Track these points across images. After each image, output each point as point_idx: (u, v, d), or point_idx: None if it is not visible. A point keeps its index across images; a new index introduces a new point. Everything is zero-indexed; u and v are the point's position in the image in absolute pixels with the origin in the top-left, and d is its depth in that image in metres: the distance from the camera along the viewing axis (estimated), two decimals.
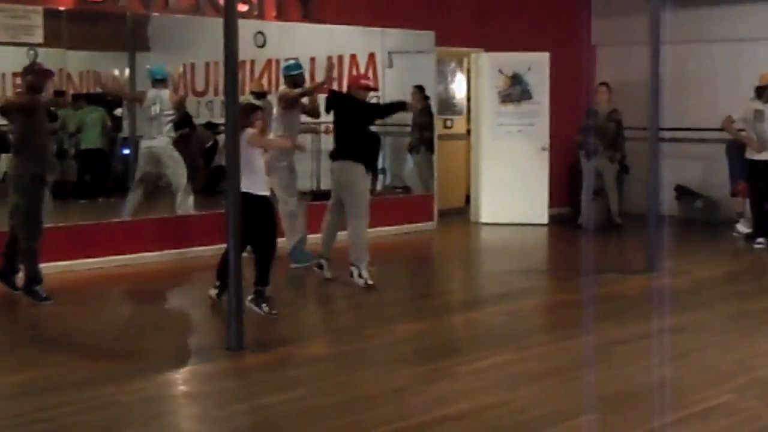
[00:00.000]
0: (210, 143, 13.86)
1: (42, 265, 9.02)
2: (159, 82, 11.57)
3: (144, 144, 11.61)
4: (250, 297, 8.18)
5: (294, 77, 10.69)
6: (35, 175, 8.78)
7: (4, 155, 10.02)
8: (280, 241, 9.08)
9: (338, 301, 9.49)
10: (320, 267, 9.84)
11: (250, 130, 8.20)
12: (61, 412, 5.95)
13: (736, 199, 13.38)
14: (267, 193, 8.47)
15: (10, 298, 9.32)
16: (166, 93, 11.54)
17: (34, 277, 8.86)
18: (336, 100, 9.85)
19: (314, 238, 10.45)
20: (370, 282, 9.45)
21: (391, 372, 6.86)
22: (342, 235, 9.78)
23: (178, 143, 12.03)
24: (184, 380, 6.76)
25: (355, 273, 9.51)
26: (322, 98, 10.28)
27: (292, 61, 11.09)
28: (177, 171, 11.48)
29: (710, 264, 11.34)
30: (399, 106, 10.46)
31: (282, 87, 10.80)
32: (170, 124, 11.52)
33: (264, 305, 8.29)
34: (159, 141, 11.43)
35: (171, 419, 6.04)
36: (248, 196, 7.75)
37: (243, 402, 6.28)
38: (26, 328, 8.39)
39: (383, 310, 8.98)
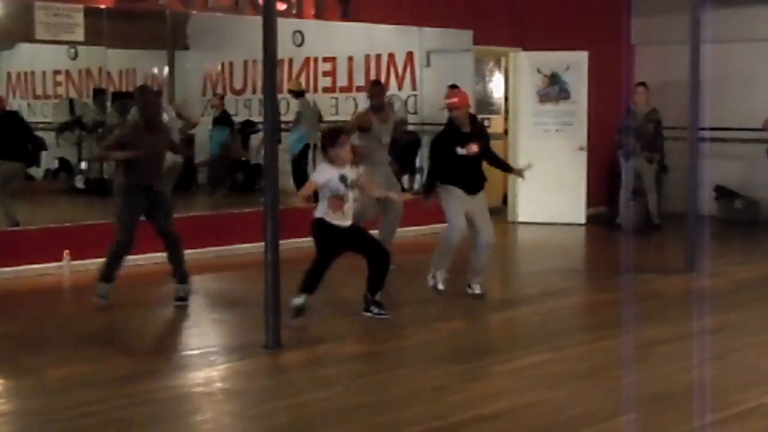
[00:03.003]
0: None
1: (86, 261, 9.16)
2: None
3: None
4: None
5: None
6: (132, 186, 8.68)
7: None
8: None
9: None
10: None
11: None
12: (102, 408, 6.00)
13: None
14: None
15: (51, 295, 9.43)
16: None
17: (105, 274, 8.80)
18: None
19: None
20: (438, 287, 9.27)
21: (428, 371, 6.86)
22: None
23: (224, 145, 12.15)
24: (222, 377, 6.78)
25: (429, 275, 9.36)
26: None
27: None
28: None
29: (750, 264, 11.25)
30: None
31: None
32: None
33: (374, 308, 8.38)
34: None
35: (209, 415, 6.07)
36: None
37: (280, 399, 6.30)
38: (68, 324, 8.45)
39: (420, 309, 8.97)
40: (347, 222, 8.09)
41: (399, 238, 10.52)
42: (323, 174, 7.97)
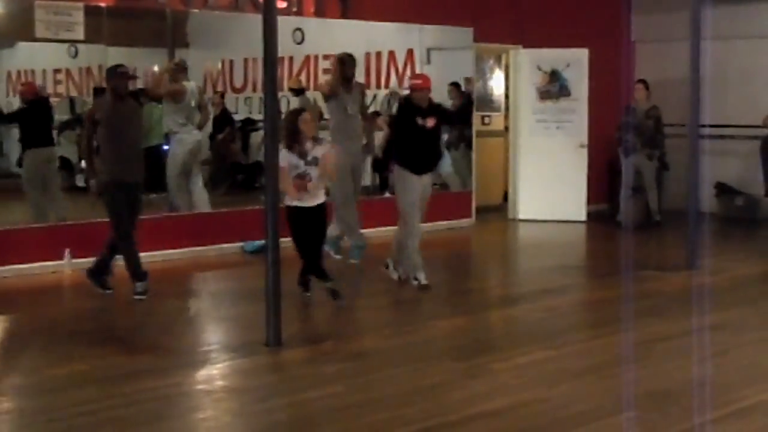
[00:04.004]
0: None
1: (87, 260, 9.19)
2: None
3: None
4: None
5: None
6: (112, 181, 8.85)
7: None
8: None
9: (375, 297, 9.49)
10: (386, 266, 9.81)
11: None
12: (102, 406, 6.01)
13: None
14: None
15: (51, 293, 9.43)
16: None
17: (133, 273, 9.01)
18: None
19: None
20: (422, 282, 9.40)
21: (428, 368, 6.86)
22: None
23: (222, 142, 12.12)
24: (223, 375, 6.79)
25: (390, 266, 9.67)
26: None
27: None
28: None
29: (750, 261, 11.25)
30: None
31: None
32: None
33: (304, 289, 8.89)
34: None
35: (209, 413, 6.07)
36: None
37: (281, 397, 6.30)
38: (68, 322, 8.46)
39: (421, 306, 8.98)
40: (315, 201, 8.54)
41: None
42: (284, 157, 8.26)
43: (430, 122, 9.29)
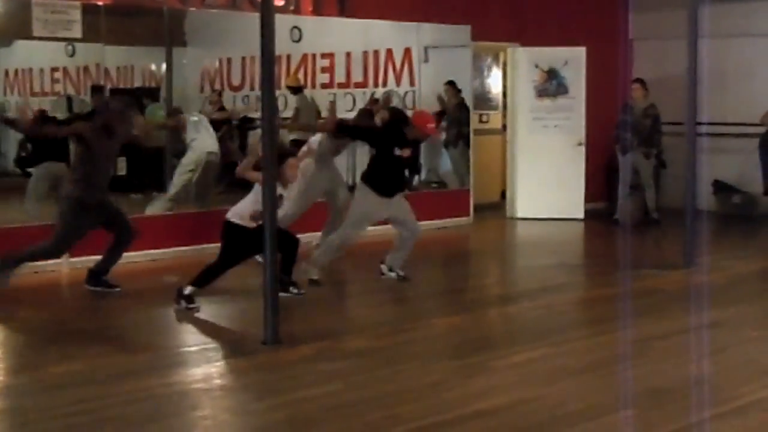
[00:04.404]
0: None
1: (84, 258, 9.19)
2: None
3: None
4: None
5: None
6: (77, 199, 8.91)
7: None
8: None
9: (374, 295, 9.49)
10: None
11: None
12: (99, 405, 6.01)
13: None
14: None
15: (49, 292, 9.42)
16: None
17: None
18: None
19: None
20: (314, 277, 9.48)
21: (427, 366, 6.87)
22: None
23: (220, 140, 12.14)
24: (221, 374, 6.79)
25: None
26: None
27: None
28: None
29: (748, 259, 11.25)
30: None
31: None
32: None
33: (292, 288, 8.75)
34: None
35: (208, 412, 6.06)
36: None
37: (279, 395, 6.30)
38: (66, 321, 8.46)
39: (419, 304, 8.98)
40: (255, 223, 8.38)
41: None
42: None
43: (407, 152, 9.47)
